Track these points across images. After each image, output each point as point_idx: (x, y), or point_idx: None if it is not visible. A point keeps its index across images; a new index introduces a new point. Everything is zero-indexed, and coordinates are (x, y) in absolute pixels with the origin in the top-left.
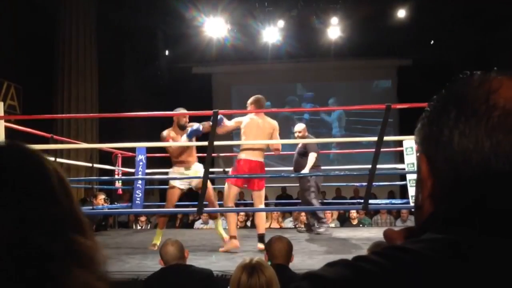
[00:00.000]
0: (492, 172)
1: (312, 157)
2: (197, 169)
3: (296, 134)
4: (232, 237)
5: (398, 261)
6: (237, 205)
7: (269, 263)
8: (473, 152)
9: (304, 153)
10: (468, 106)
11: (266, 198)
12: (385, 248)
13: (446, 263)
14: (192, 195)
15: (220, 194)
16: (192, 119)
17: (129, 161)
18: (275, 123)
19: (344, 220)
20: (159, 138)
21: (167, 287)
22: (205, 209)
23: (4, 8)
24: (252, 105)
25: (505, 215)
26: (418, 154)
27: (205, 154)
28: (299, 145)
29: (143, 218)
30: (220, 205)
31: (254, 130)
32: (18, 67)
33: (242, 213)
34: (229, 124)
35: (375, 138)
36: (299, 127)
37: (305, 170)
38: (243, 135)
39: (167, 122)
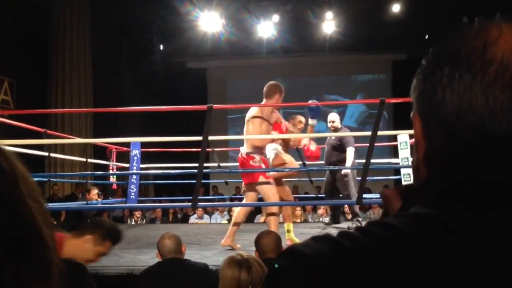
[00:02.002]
0: (486, 135)
1: (351, 152)
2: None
3: (329, 124)
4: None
5: (378, 239)
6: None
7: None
8: (466, 112)
9: (338, 146)
10: (463, 61)
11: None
12: (370, 223)
13: (429, 241)
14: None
15: (215, 189)
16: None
17: (123, 156)
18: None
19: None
20: (153, 133)
21: (163, 280)
22: (200, 203)
23: None
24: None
25: (498, 185)
26: (412, 113)
27: (200, 149)
28: (333, 138)
29: (138, 213)
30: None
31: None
32: (12, 62)
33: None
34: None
35: (369, 133)
36: (334, 117)
37: (348, 165)
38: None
39: (161, 117)
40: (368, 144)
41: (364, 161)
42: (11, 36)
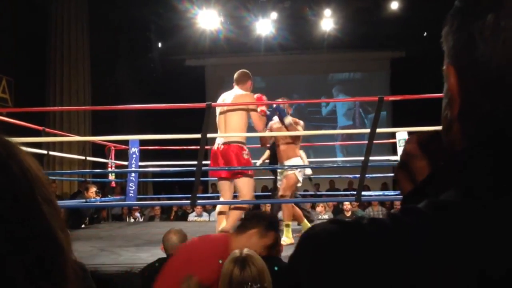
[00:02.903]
0: None
1: (302, 153)
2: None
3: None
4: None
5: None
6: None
7: None
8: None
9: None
10: (507, 8)
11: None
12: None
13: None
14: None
15: (214, 187)
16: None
17: (122, 154)
18: None
19: (338, 212)
20: (152, 130)
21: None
22: (199, 201)
23: None
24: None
25: None
26: (445, 64)
27: (198, 147)
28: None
29: (136, 213)
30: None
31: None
32: (10, 60)
33: None
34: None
35: (367, 130)
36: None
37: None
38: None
39: (160, 115)
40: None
41: (357, 158)
42: (9, 35)
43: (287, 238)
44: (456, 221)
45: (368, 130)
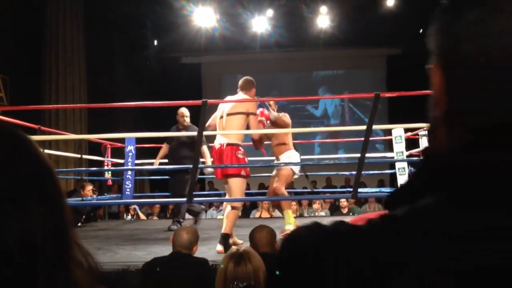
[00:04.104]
0: None
1: (207, 149)
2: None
3: (182, 119)
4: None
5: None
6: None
7: None
8: (497, 66)
9: (189, 143)
10: (490, 5)
11: (248, 188)
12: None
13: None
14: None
15: (210, 184)
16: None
17: (118, 152)
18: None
19: (335, 209)
20: (148, 128)
21: (163, 274)
22: (195, 199)
23: None
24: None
25: None
26: (431, 64)
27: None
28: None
29: (132, 211)
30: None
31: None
32: (5, 58)
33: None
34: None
35: (364, 127)
36: (186, 111)
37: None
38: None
39: (156, 113)
40: (363, 138)
41: (353, 155)
42: (4, 33)
43: (291, 225)
44: (429, 228)
45: (364, 127)
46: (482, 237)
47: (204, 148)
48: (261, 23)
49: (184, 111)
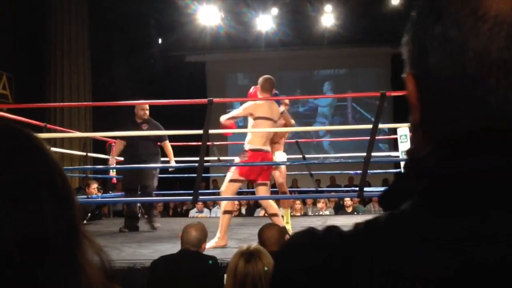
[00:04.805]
0: (480, 105)
1: (169, 145)
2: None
3: (142, 112)
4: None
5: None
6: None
7: None
8: (459, 78)
9: (155, 139)
10: (452, 19)
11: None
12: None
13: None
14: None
15: (215, 183)
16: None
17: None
18: (281, 108)
19: (339, 208)
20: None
21: (172, 271)
22: (201, 197)
23: None
24: (259, 88)
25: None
26: (405, 73)
27: (200, 143)
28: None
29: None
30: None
31: (266, 120)
32: (10, 57)
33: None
34: (236, 113)
35: (369, 126)
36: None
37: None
38: (255, 122)
39: (160, 111)
40: (368, 138)
41: (358, 154)
42: (9, 32)
43: (288, 224)
44: (405, 232)
45: (370, 126)
46: (457, 242)
47: (168, 144)
48: (265, 22)
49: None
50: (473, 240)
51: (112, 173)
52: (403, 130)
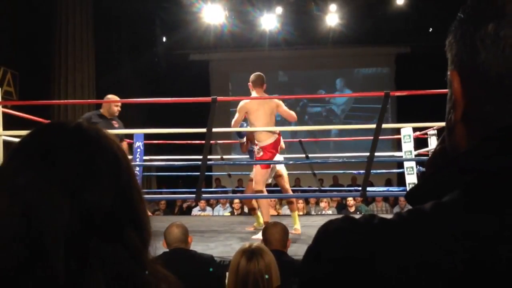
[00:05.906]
0: None
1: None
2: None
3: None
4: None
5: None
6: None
7: None
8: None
9: None
10: (507, 19)
11: None
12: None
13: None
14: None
15: (217, 181)
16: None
17: None
18: (276, 100)
19: (341, 208)
20: (155, 125)
21: (169, 270)
22: (204, 195)
23: None
24: (251, 85)
25: None
26: (449, 70)
27: (204, 142)
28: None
29: None
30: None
31: (260, 112)
32: (15, 53)
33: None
34: (236, 118)
35: (373, 126)
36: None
37: None
38: (253, 121)
39: (164, 109)
40: (372, 137)
41: (361, 154)
42: (14, 28)
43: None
44: (454, 220)
45: (373, 126)
46: (487, 239)
47: (125, 144)
48: (270, 21)
49: (117, 98)
50: (506, 238)
51: None
52: (407, 130)
